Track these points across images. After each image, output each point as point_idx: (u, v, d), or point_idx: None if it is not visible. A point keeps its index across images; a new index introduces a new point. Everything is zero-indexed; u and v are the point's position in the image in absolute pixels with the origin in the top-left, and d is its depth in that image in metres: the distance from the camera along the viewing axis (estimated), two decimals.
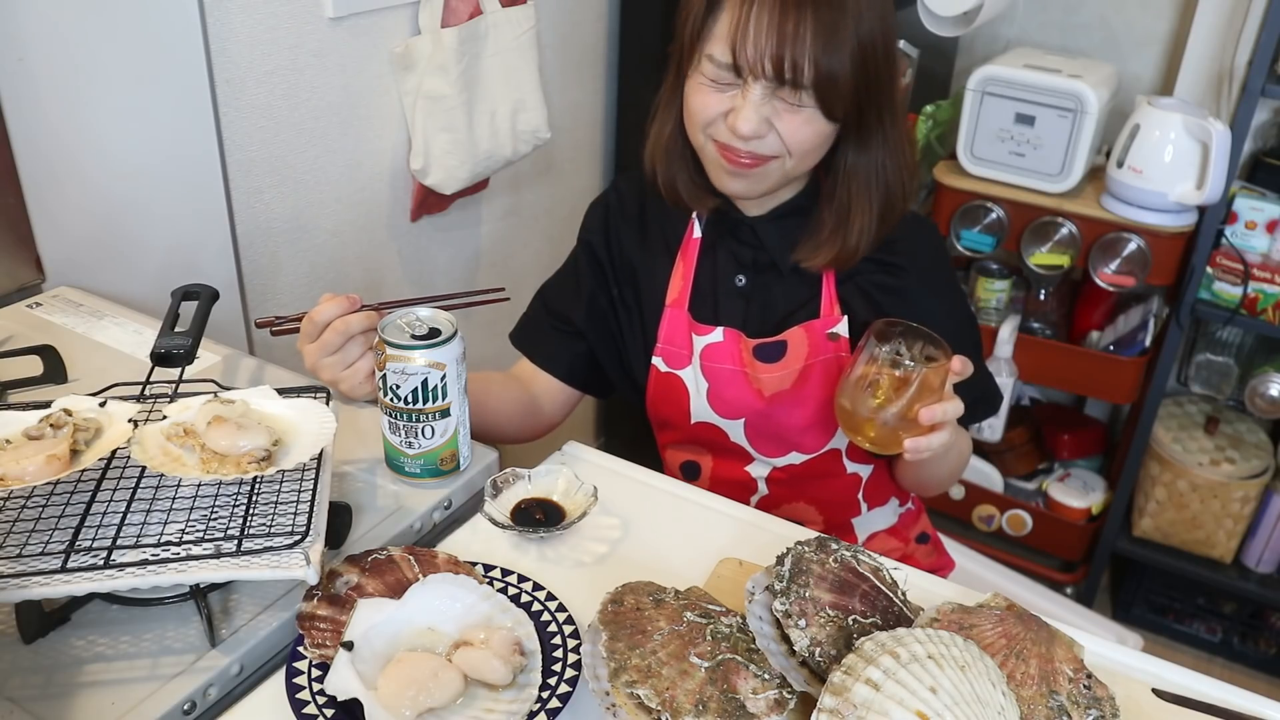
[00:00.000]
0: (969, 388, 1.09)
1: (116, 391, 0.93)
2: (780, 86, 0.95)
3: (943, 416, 0.93)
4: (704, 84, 0.99)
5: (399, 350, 0.89)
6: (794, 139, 0.98)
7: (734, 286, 1.12)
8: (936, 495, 1.25)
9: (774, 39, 0.92)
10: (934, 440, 0.94)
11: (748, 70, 0.95)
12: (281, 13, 1.43)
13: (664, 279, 1.14)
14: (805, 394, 1.09)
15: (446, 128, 1.64)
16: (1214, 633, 2.34)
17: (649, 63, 2.17)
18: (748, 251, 1.11)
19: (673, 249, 1.15)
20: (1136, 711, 0.78)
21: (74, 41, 1.20)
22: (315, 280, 1.63)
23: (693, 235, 1.14)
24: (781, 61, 0.93)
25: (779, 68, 0.93)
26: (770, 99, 0.96)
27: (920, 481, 1.20)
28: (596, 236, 1.19)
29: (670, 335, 1.13)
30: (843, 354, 1.08)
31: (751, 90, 0.96)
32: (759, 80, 0.95)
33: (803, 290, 1.10)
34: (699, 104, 1.00)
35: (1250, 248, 2.04)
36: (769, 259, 1.10)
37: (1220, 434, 2.27)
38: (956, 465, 1.18)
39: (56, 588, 0.72)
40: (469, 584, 0.79)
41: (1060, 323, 2.27)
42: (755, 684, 0.69)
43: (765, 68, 0.94)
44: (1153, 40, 2.23)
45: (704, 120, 1.00)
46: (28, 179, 1.21)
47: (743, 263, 1.12)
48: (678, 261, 1.14)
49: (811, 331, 1.09)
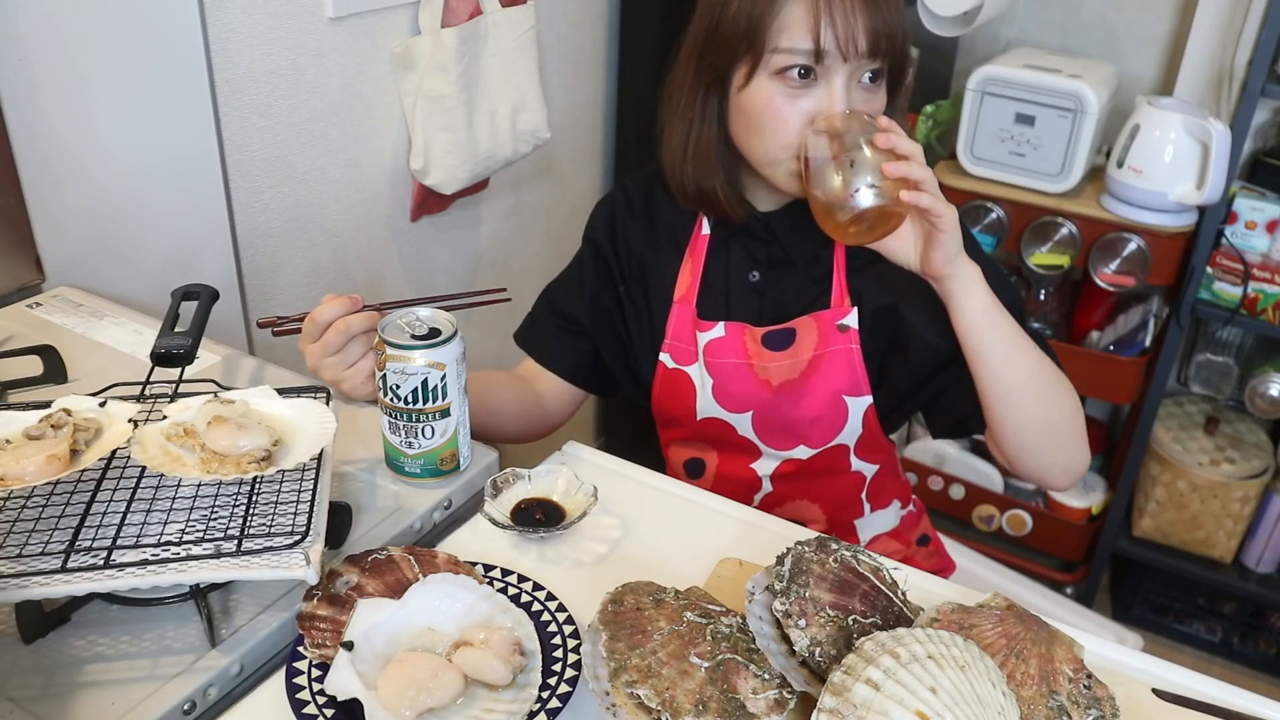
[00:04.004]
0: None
1: (116, 391, 0.93)
2: (870, 62, 0.94)
3: (908, 171, 0.88)
4: (778, 88, 0.96)
5: (399, 350, 0.89)
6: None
7: (748, 282, 1.11)
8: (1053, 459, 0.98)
9: (863, 12, 0.91)
10: (923, 198, 0.88)
11: (838, 52, 0.92)
12: (281, 13, 1.43)
13: (672, 275, 1.14)
14: (814, 384, 1.08)
15: (446, 128, 1.64)
16: (1214, 633, 2.34)
17: (649, 63, 2.17)
18: (761, 247, 1.11)
19: (681, 246, 1.14)
20: (1136, 711, 0.78)
21: (74, 41, 1.20)
22: (315, 280, 1.63)
23: (701, 232, 1.13)
24: (877, 35, 0.92)
25: (874, 42, 0.92)
26: (852, 85, 0.95)
27: (994, 378, 0.96)
28: (602, 233, 1.18)
29: (677, 331, 1.13)
30: (853, 346, 1.07)
31: (835, 80, 0.94)
32: (846, 63, 0.93)
33: (815, 284, 1.10)
34: (777, 112, 0.96)
35: (1250, 248, 2.04)
36: (783, 253, 1.10)
37: (1220, 434, 2.27)
38: (1036, 361, 0.96)
39: (56, 588, 0.72)
40: (469, 584, 0.79)
41: (1060, 323, 2.27)
42: (755, 684, 0.69)
43: (860, 44, 0.92)
44: (1153, 40, 2.23)
45: (787, 136, 0.96)
46: (28, 179, 1.21)
47: (756, 259, 1.11)
48: (686, 258, 1.14)
49: (821, 321, 1.08)
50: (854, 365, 1.07)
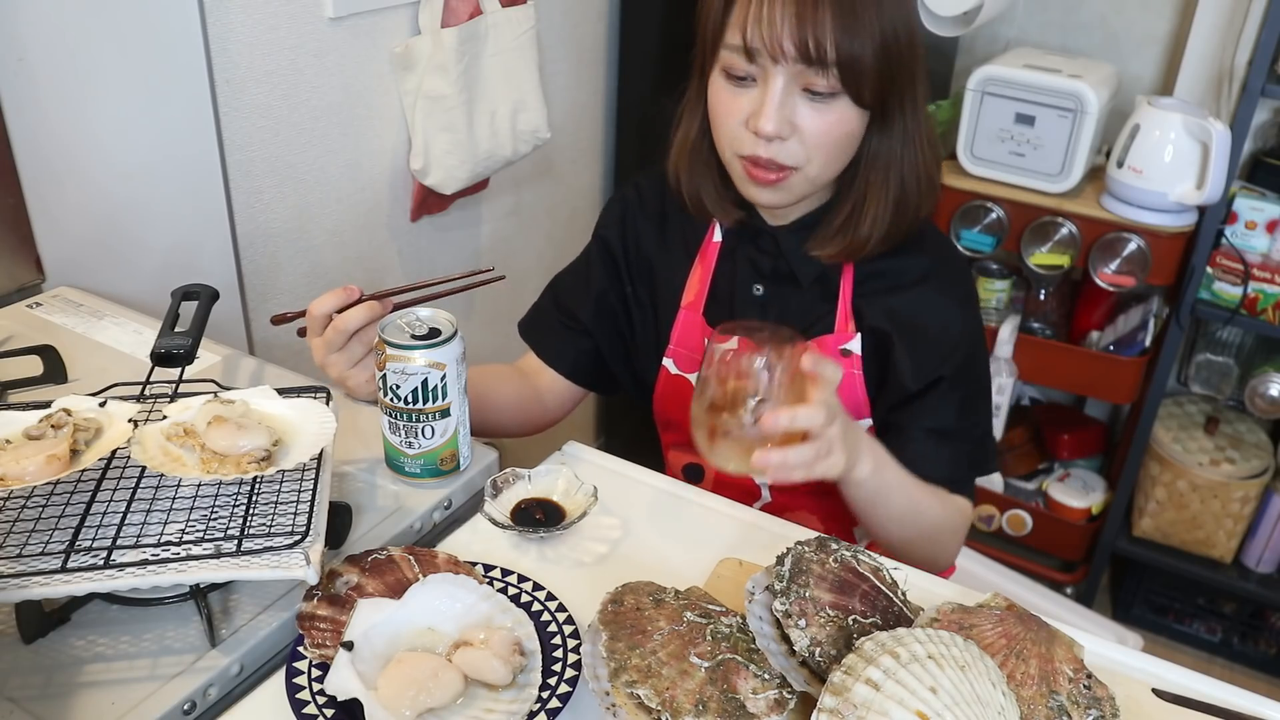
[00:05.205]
0: (955, 438, 1.06)
1: (116, 391, 0.93)
2: (805, 69, 0.92)
3: (790, 423, 0.81)
4: (724, 84, 0.97)
5: (399, 350, 0.89)
6: (816, 138, 0.95)
7: (752, 296, 1.11)
8: (902, 554, 1.03)
9: (791, 16, 0.90)
10: (791, 455, 0.83)
11: (766, 53, 0.92)
12: (281, 13, 1.43)
13: (681, 280, 1.13)
14: None
15: (446, 128, 1.64)
16: (1214, 633, 2.34)
17: (649, 63, 2.17)
18: (767, 261, 1.10)
19: (692, 250, 1.14)
20: (1136, 711, 0.78)
21: (74, 41, 1.20)
22: (315, 280, 1.63)
23: (713, 239, 1.13)
24: (805, 41, 0.90)
25: (801, 46, 0.90)
26: (792, 94, 0.94)
27: (867, 521, 1.04)
28: (612, 231, 1.17)
29: (683, 338, 1.12)
30: (855, 371, 1.07)
31: (773, 82, 0.93)
32: (779, 64, 0.92)
33: (820, 304, 1.09)
34: (721, 108, 0.98)
35: (1250, 248, 2.04)
36: (788, 269, 1.08)
37: (1220, 434, 2.27)
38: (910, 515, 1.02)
39: (56, 588, 0.72)
40: (469, 584, 0.79)
41: (1060, 323, 2.27)
42: (755, 684, 0.69)
43: (785, 47, 0.91)
44: (1153, 40, 2.23)
45: (728, 132, 0.98)
46: (28, 179, 1.21)
47: (762, 272, 1.10)
48: (696, 264, 1.13)
49: (824, 346, 1.07)
50: (855, 389, 1.07)
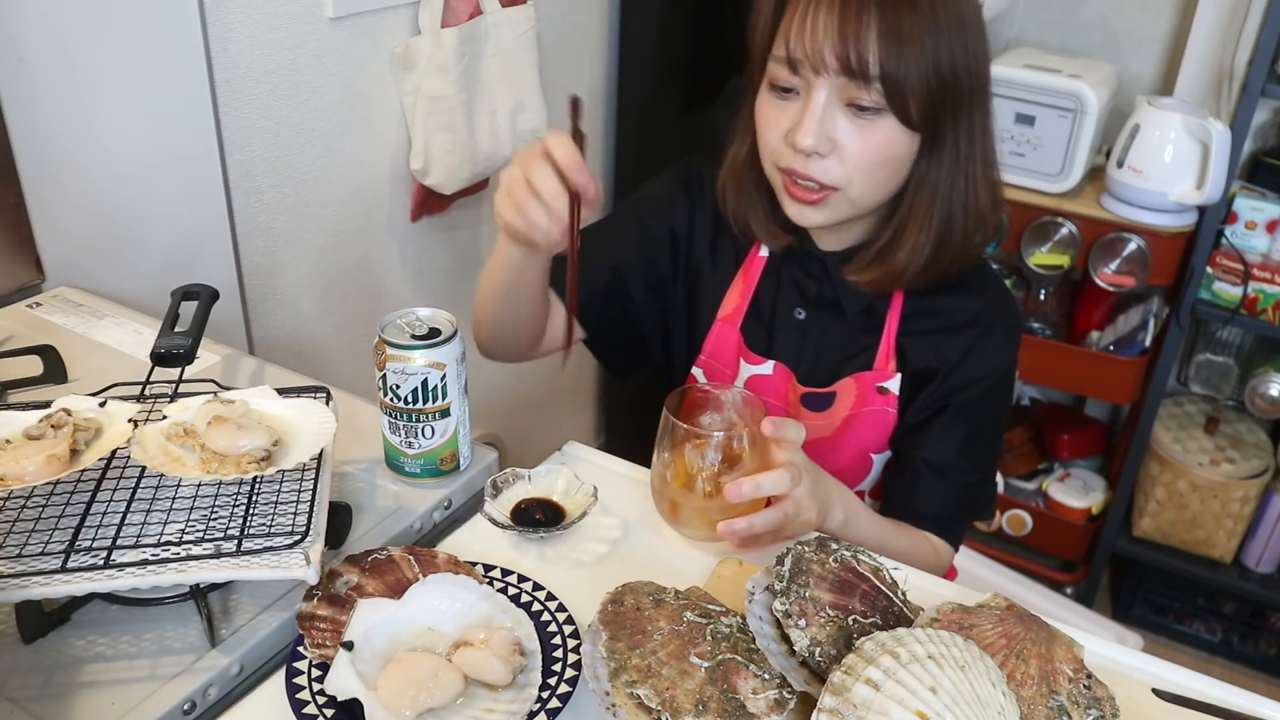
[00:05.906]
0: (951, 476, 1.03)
1: (116, 391, 0.93)
2: (847, 82, 0.90)
3: (753, 492, 0.82)
4: (769, 96, 0.95)
5: (399, 350, 0.89)
6: (857, 156, 0.92)
7: (793, 319, 1.08)
8: None
9: (834, 28, 0.88)
10: (757, 521, 0.84)
11: (809, 64, 0.90)
12: (281, 13, 1.43)
13: (722, 289, 1.11)
14: (844, 442, 1.06)
15: (446, 128, 1.64)
16: (1214, 633, 2.34)
17: (649, 63, 2.17)
18: (813, 285, 1.07)
19: (739, 260, 1.11)
20: (1136, 711, 0.78)
21: (74, 41, 1.20)
22: (315, 280, 1.63)
23: (759, 252, 1.10)
24: (847, 53, 0.88)
25: (843, 58, 0.88)
26: (834, 109, 0.91)
27: None
28: (680, 216, 1.11)
29: (716, 351, 1.10)
30: (890, 409, 1.05)
31: (815, 95, 0.91)
32: (821, 75, 0.90)
33: (861, 336, 1.06)
34: (764, 120, 0.96)
35: (1250, 248, 2.04)
36: (834, 296, 1.06)
37: (1220, 434, 2.27)
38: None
39: (56, 588, 0.72)
40: (469, 584, 0.79)
41: (1060, 323, 2.27)
42: (755, 684, 0.69)
43: (827, 59, 0.89)
44: (1153, 40, 2.23)
45: (770, 145, 0.96)
46: (28, 179, 1.21)
47: (806, 295, 1.07)
48: (739, 276, 1.10)
49: (861, 383, 1.05)
50: (886, 426, 1.06)
